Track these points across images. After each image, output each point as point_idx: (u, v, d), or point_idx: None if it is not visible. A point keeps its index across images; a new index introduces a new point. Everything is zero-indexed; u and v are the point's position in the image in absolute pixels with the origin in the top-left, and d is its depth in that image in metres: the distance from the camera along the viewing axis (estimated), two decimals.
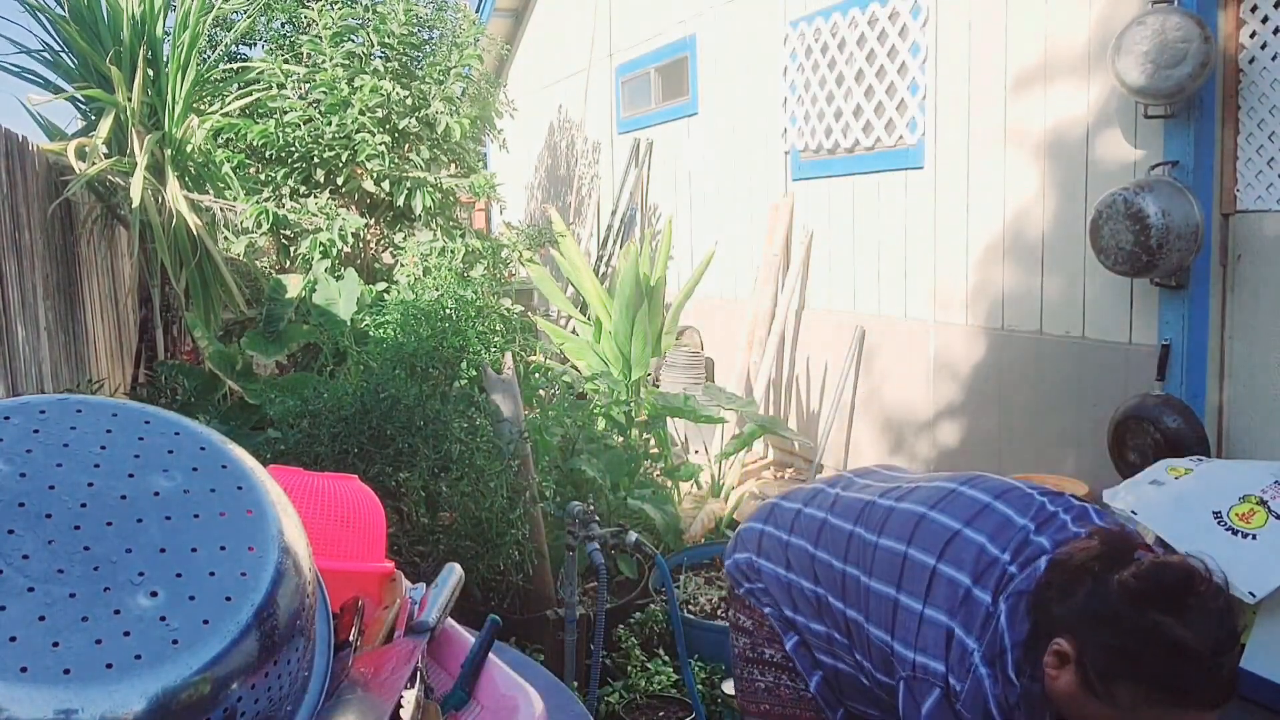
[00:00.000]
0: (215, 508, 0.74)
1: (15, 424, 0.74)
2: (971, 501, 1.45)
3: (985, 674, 1.31)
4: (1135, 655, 1.18)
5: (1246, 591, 2.60)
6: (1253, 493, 2.79)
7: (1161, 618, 1.16)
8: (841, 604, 1.50)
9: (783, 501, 1.71)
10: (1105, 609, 1.20)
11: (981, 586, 1.35)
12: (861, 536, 1.51)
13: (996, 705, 1.30)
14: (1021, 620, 1.30)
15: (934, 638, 1.36)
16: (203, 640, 0.65)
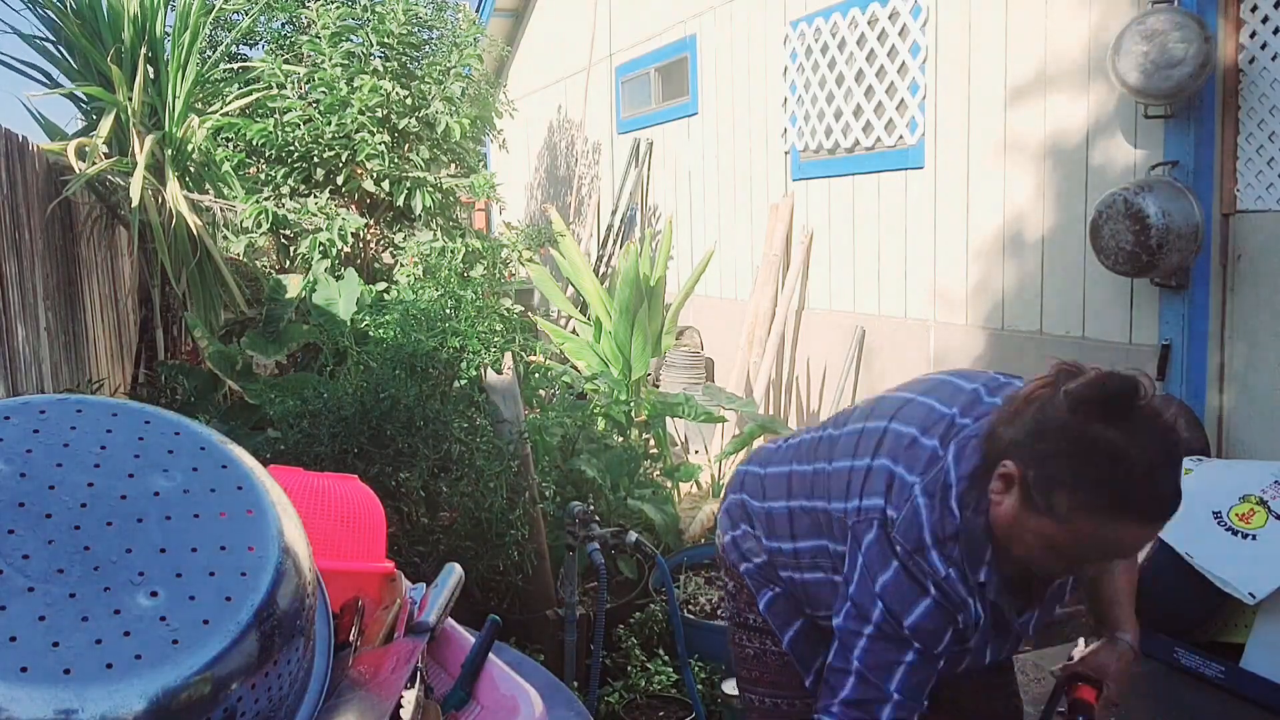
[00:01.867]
0: (215, 508, 0.74)
1: (15, 424, 0.74)
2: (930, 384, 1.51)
3: (923, 503, 1.31)
4: (1075, 461, 1.17)
5: (1246, 592, 2.60)
6: (1253, 493, 2.79)
7: (1104, 426, 1.16)
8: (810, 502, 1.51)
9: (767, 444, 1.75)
10: (1050, 421, 1.20)
11: (929, 435, 1.37)
12: (830, 434, 1.55)
13: (931, 532, 1.30)
14: (970, 455, 1.31)
15: (877, 481, 1.38)
16: (203, 640, 0.65)
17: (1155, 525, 1.18)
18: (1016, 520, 1.25)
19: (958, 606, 1.31)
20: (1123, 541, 1.19)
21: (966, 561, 1.30)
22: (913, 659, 1.31)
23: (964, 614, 1.32)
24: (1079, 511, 1.18)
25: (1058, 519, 1.19)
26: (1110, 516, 1.17)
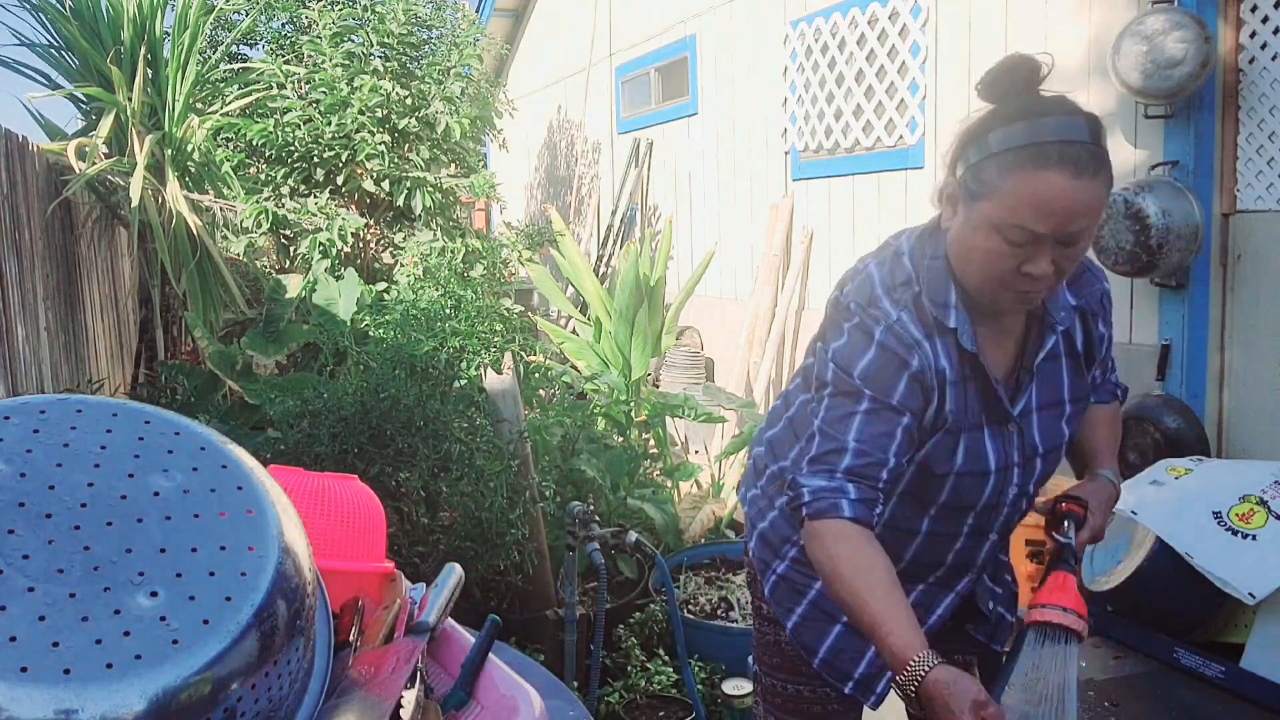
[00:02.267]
0: (215, 508, 0.74)
1: (15, 424, 0.74)
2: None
3: (874, 267, 1.39)
4: (997, 132, 1.26)
5: (1246, 593, 2.60)
6: (1253, 493, 2.79)
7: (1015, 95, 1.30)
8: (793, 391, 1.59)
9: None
10: (974, 123, 1.32)
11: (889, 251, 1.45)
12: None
13: (881, 284, 1.36)
14: (924, 231, 1.41)
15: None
16: (203, 640, 0.65)
17: (1071, 169, 1.21)
18: (964, 226, 1.30)
19: (909, 347, 1.32)
20: (1050, 191, 1.21)
21: (931, 305, 1.34)
22: (868, 407, 1.31)
23: (918, 356, 1.32)
24: (1007, 175, 1.24)
25: (991, 194, 1.25)
26: (1034, 166, 1.22)
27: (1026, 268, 1.26)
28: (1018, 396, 1.41)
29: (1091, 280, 1.47)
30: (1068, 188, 1.21)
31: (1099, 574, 3.16)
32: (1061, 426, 1.45)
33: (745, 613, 3.23)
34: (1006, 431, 1.40)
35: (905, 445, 1.33)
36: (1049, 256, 1.25)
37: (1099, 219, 1.26)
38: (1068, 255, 1.26)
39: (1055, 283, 1.29)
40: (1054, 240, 1.24)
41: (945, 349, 1.35)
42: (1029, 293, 1.29)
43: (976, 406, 1.38)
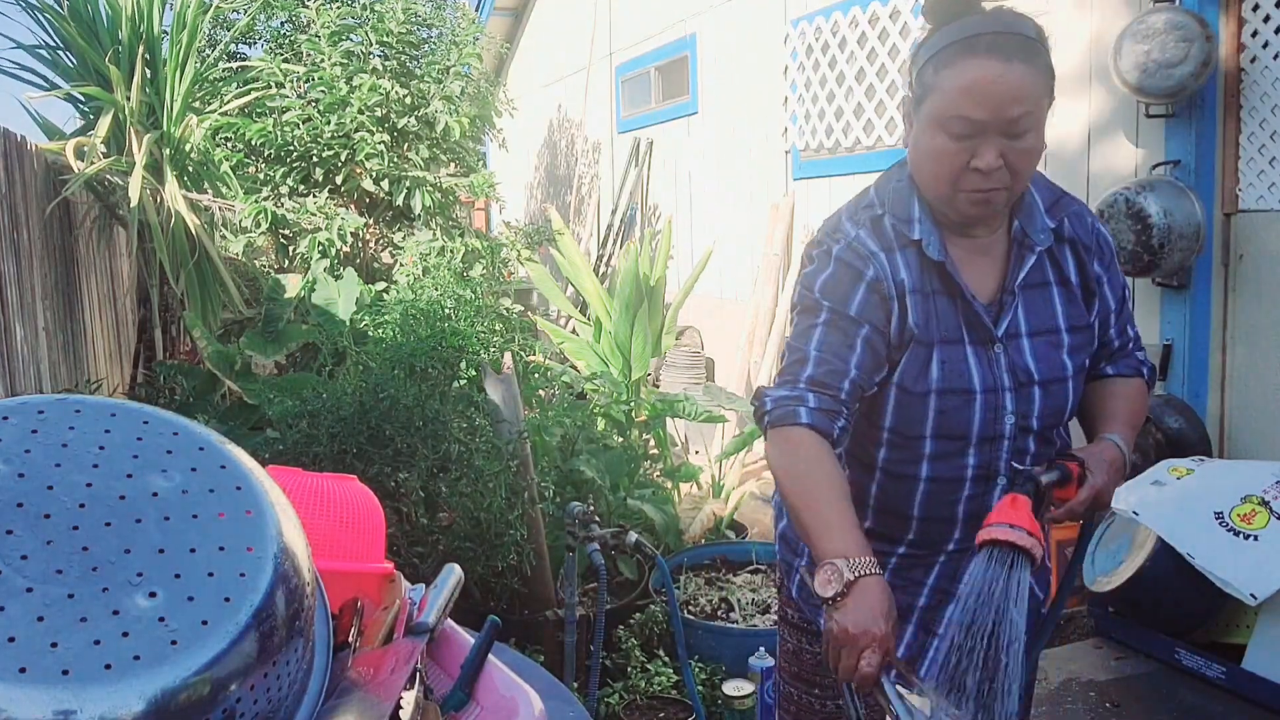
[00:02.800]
0: (214, 508, 0.74)
1: (13, 424, 0.74)
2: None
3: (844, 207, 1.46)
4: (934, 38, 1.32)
5: (1248, 593, 2.60)
6: (1254, 493, 2.79)
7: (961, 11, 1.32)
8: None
9: None
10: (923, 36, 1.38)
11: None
12: None
13: (846, 214, 1.43)
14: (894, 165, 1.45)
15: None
16: (201, 641, 0.65)
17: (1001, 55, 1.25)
18: (915, 133, 1.35)
19: (864, 259, 1.37)
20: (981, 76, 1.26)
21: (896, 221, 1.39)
22: (826, 318, 1.37)
23: (873, 266, 1.37)
24: (941, 70, 1.29)
25: (930, 92, 1.31)
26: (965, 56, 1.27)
27: (974, 162, 1.29)
28: (1001, 317, 1.40)
29: (1081, 213, 1.47)
30: (999, 72, 1.25)
31: (1100, 574, 3.16)
32: (1062, 358, 1.42)
33: (746, 614, 3.23)
34: (992, 352, 1.39)
35: (867, 357, 1.35)
36: (995, 148, 1.27)
37: (1039, 108, 1.28)
38: (1016, 149, 1.28)
39: (1013, 182, 1.31)
40: (996, 130, 1.27)
41: (907, 261, 1.38)
42: (984, 192, 1.31)
43: (953, 321, 1.39)
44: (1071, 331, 1.43)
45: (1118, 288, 1.51)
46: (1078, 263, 1.45)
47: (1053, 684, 2.94)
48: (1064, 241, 1.44)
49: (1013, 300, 1.40)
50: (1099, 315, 1.48)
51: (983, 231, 1.41)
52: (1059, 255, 1.44)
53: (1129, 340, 1.55)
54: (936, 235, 1.38)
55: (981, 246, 1.42)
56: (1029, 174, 1.34)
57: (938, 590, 1.47)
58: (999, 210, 1.37)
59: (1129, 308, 1.55)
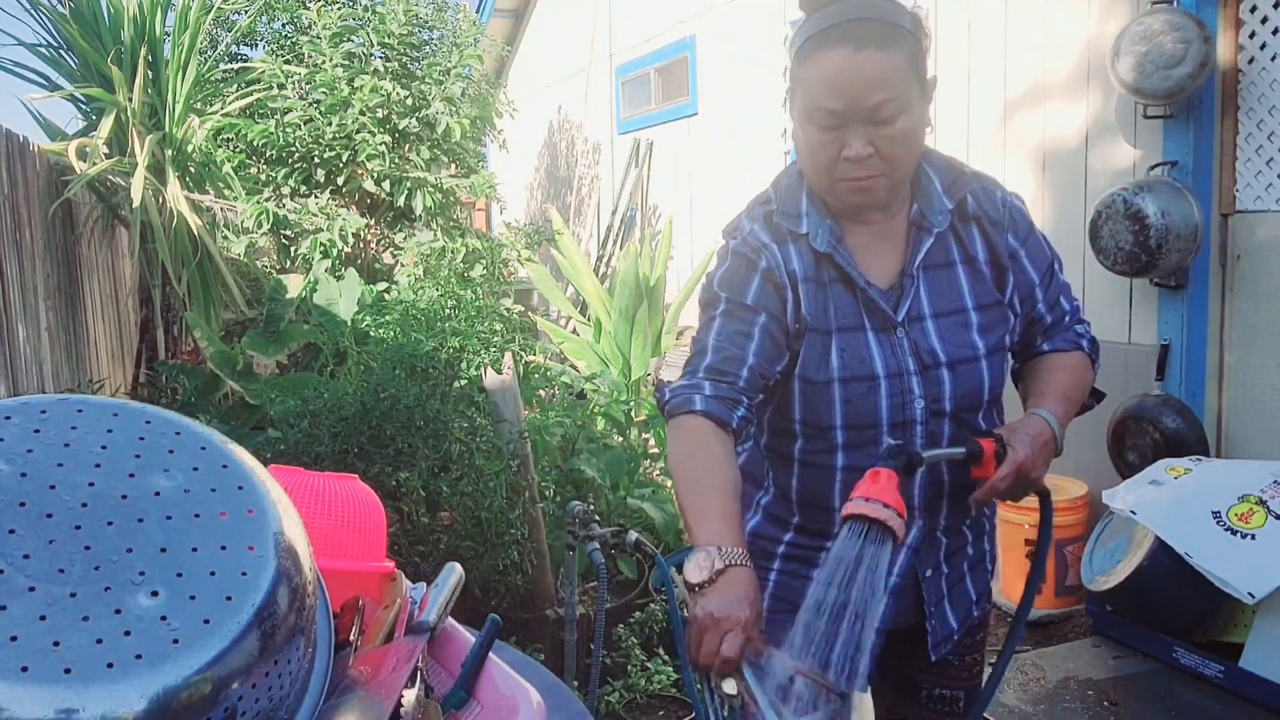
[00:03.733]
0: (216, 507, 0.74)
1: (16, 424, 0.74)
2: None
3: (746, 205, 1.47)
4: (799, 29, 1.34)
5: (1246, 592, 2.61)
6: (1252, 493, 2.79)
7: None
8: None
9: None
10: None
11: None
12: None
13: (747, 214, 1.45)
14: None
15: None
16: (203, 640, 0.66)
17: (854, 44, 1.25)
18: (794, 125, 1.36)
19: (756, 250, 1.39)
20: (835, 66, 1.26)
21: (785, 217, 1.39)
22: (724, 308, 1.38)
23: (765, 256, 1.38)
24: (802, 64, 1.31)
25: (797, 87, 1.32)
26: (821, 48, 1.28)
27: (845, 152, 1.28)
28: (902, 300, 1.38)
29: (989, 189, 1.44)
30: (852, 60, 1.25)
31: (1098, 573, 3.17)
32: (972, 337, 1.39)
33: None
34: (895, 336, 1.38)
35: (766, 344, 1.36)
36: (862, 137, 1.27)
37: (903, 92, 1.26)
38: (885, 136, 1.27)
39: (889, 168, 1.30)
40: (859, 119, 1.26)
41: (799, 251, 1.38)
42: (860, 181, 1.31)
43: (852, 308, 1.38)
44: (980, 310, 1.40)
45: (1042, 260, 1.48)
46: (985, 240, 1.42)
47: (1050, 683, 2.94)
48: (968, 219, 1.42)
49: (913, 283, 1.38)
50: (1019, 291, 1.45)
51: (879, 217, 1.40)
52: (964, 234, 1.41)
53: (1064, 314, 1.51)
54: (826, 227, 1.37)
55: (881, 232, 1.40)
56: (906, 159, 1.32)
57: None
58: (882, 197, 1.35)
59: (1060, 280, 1.51)
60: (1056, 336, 1.51)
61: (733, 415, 1.32)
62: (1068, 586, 3.40)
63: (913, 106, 1.28)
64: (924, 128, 1.34)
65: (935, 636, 1.49)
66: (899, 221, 1.41)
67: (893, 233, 1.41)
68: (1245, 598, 2.61)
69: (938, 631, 1.49)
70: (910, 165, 1.35)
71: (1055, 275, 1.50)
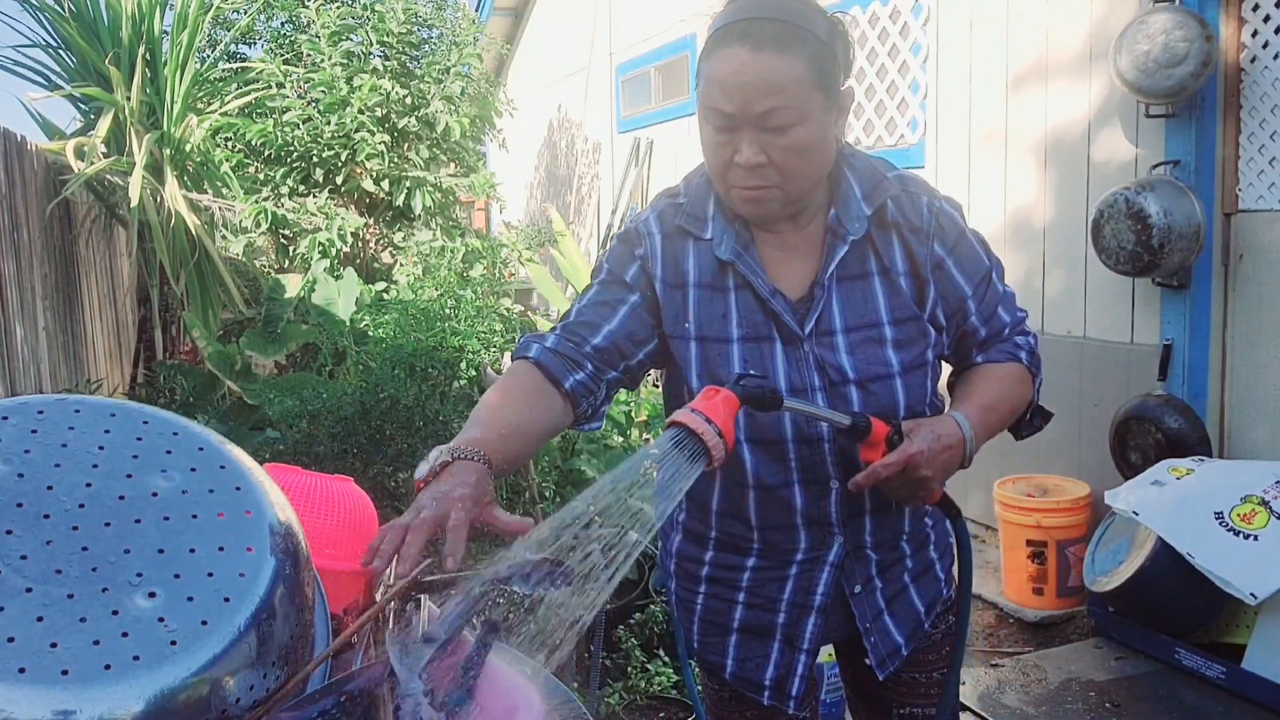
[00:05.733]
0: (213, 508, 0.74)
1: (13, 424, 0.73)
2: None
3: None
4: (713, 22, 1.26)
5: (1248, 592, 2.60)
6: (1254, 493, 2.79)
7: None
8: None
9: None
10: None
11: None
12: None
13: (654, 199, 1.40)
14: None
15: None
16: (201, 641, 0.65)
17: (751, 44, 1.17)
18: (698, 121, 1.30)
19: (640, 236, 1.35)
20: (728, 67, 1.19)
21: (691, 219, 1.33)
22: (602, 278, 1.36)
23: (645, 244, 1.34)
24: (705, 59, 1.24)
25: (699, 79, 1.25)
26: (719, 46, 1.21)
27: (736, 158, 1.22)
28: (810, 312, 1.29)
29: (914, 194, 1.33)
30: (745, 62, 1.17)
31: (1100, 574, 3.16)
32: (885, 353, 1.30)
33: None
34: (802, 351, 1.30)
35: (632, 323, 1.31)
36: (754, 144, 1.20)
37: (800, 101, 1.18)
38: (778, 145, 1.20)
39: (783, 180, 1.22)
40: (750, 125, 1.19)
41: (698, 255, 1.32)
42: (752, 191, 1.24)
43: (757, 318, 1.30)
44: (896, 325, 1.31)
45: (976, 270, 1.37)
46: (904, 249, 1.32)
47: (1052, 684, 2.94)
48: (887, 227, 1.31)
49: (823, 294, 1.30)
50: (945, 303, 1.35)
51: (787, 226, 1.32)
52: (881, 243, 1.32)
53: (1003, 326, 1.41)
54: (733, 233, 1.31)
55: (792, 240, 1.33)
56: (803, 171, 1.23)
57: (794, 605, 1.38)
58: (776, 210, 1.27)
59: (997, 290, 1.40)
60: (993, 349, 1.41)
61: (567, 375, 1.25)
62: (1069, 587, 3.40)
63: (812, 117, 1.19)
64: (830, 140, 1.25)
65: (878, 653, 1.41)
66: (814, 229, 1.33)
67: (806, 241, 1.33)
68: (1248, 598, 2.61)
69: (879, 648, 1.41)
70: (810, 179, 1.26)
71: (993, 285, 1.39)
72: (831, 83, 1.21)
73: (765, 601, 1.40)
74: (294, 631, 0.73)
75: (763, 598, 1.40)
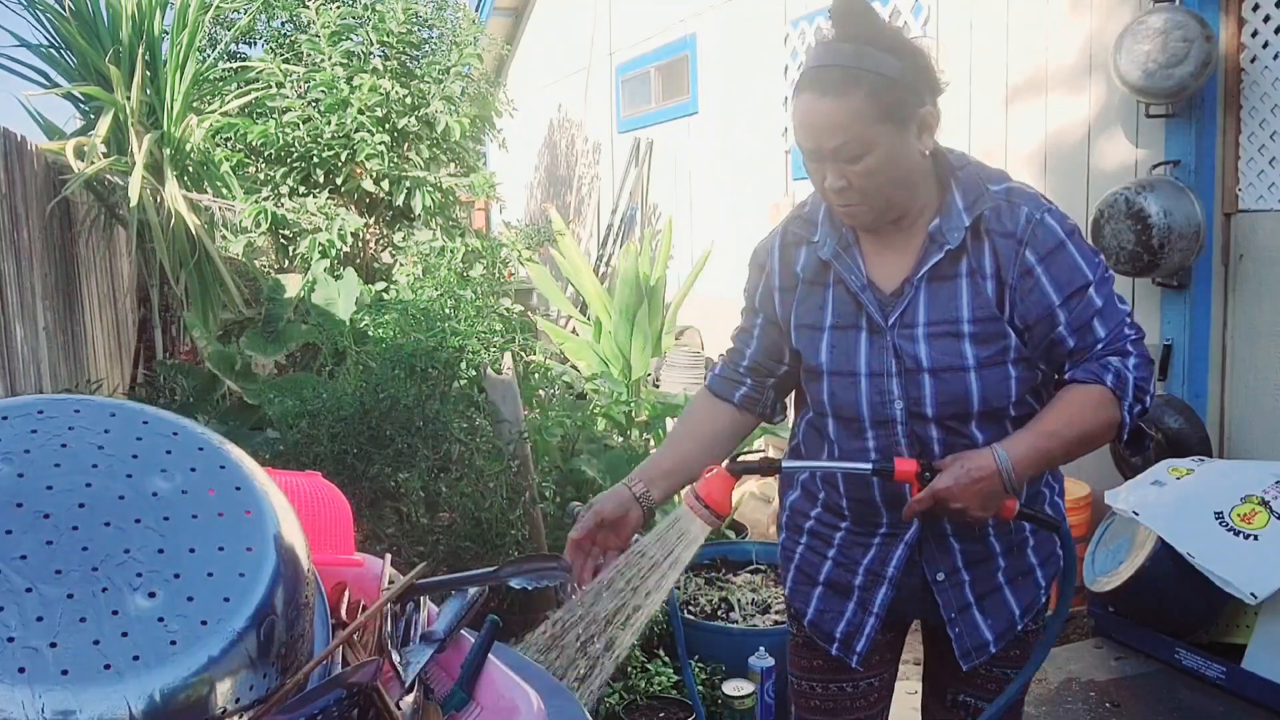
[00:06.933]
0: (213, 508, 0.74)
1: (13, 424, 0.73)
2: None
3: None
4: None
5: (1248, 593, 2.60)
6: (1254, 493, 2.79)
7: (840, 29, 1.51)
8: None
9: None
10: None
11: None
12: None
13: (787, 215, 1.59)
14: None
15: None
16: (201, 641, 0.65)
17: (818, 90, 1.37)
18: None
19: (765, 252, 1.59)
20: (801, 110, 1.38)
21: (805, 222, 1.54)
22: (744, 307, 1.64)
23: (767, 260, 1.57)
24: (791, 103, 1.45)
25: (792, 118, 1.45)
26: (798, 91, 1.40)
27: (824, 182, 1.40)
28: (897, 306, 1.44)
29: (1015, 205, 1.44)
30: (814, 107, 1.36)
31: (1101, 574, 3.16)
32: (962, 348, 1.41)
33: (745, 614, 3.23)
34: (885, 340, 1.45)
35: (765, 341, 1.59)
36: (834, 172, 1.37)
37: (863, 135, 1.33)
38: (854, 172, 1.36)
39: (864, 200, 1.38)
40: (828, 156, 1.36)
41: (808, 255, 1.52)
42: (845, 206, 1.42)
43: (849, 309, 1.48)
44: (975, 322, 1.41)
45: (1070, 281, 1.41)
46: (994, 254, 1.42)
47: (1053, 684, 2.94)
48: (982, 234, 1.42)
49: (913, 291, 1.44)
50: (1029, 310, 1.41)
51: (890, 229, 1.46)
52: (974, 248, 1.43)
53: (1096, 341, 1.42)
54: (836, 235, 1.49)
55: (894, 241, 1.47)
56: (882, 191, 1.38)
57: (870, 572, 1.53)
58: (869, 221, 1.43)
59: (1094, 304, 1.41)
60: (1082, 366, 1.43)
61: (734, 392, 1.61)
62: None
63: (879, 145, 1.34)
64: (909, 158, 1.38)
65: (962, 645, 1.51)
66: (917, 231, 1.46)
67: (908, 242, 1.46)
68: (1248, 598, 2.61)
69: (965, 640, 1.51)
70: (892, 194, 1.40)
71: (1089, 298, 1.42)
72: (900, 110, 1.36)
73: (849, 563, 1.56)
74: (294, 631, 0.73)
75: (848, 559, 1.56)
